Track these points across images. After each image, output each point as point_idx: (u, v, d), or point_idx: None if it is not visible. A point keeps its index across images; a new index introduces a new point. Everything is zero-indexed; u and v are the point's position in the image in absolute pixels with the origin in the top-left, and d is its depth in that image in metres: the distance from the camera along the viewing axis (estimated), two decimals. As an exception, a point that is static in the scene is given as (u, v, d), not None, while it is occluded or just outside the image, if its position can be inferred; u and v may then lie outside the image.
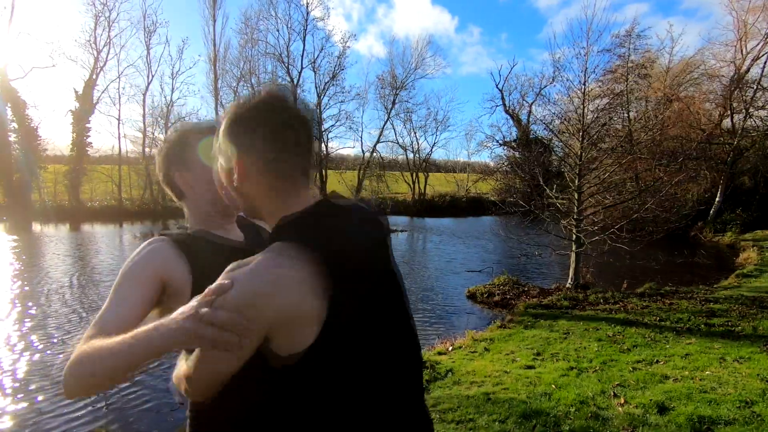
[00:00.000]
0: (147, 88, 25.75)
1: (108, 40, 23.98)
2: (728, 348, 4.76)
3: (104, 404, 4.11)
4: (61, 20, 37.22)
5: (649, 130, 8.77)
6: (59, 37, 27.88)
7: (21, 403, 4.17)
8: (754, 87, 17.90)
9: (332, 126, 28.54)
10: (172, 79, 26.61)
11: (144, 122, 25.96)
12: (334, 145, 28.90)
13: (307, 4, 26.23)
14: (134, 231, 17.83)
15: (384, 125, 29.29)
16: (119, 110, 25.47)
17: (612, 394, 3.54)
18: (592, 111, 8.14)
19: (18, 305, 7.22)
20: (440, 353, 4.95)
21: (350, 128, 30.74)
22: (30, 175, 21.66)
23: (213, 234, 1.11)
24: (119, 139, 25.66)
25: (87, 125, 23.77)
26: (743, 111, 18.01)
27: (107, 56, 24.19)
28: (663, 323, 5.85)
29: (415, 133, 31.19)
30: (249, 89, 25.43)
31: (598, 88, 8.13)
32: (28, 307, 7.14)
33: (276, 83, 0.93)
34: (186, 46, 37.24)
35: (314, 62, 26.93)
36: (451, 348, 5.13)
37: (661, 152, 8.87)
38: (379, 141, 29.35)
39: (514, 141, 30.66)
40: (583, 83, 7.53)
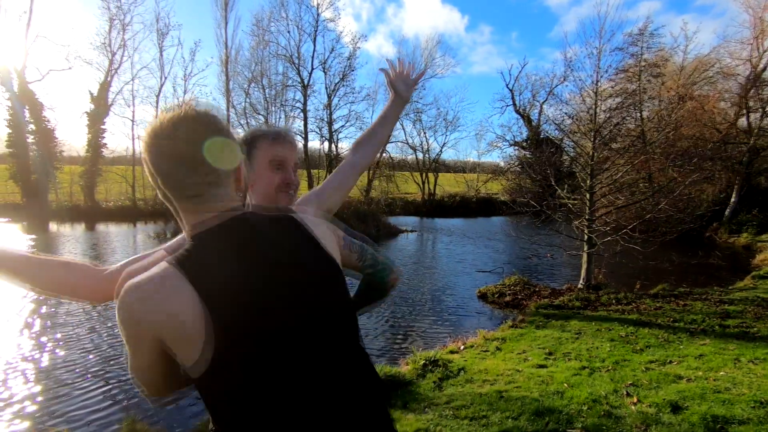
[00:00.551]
0: (160, 89, 26.18)
1: (122, 43, 24.44)
2: (743, 349, 4.72)
3: (125, 397, 4.23)
4: (76, 23, 38.00)
5: (662, 130, 8.68)
6: (75, 40, 28.62)
7: (40, 397, 4.31)
8: (771, 85, 17.60)
9: (342, 126, 28.69)
10: (185, 81, 27.03)
11: (157, 123, 26.36)
12: (344, 145, 29.00)
13: (317, 6, 26.42)
14: (147, 231, 18.11)
15: (394, 125, 29.34)
16: (133, 112, 25.94)
17: (625, 393, 3.55)
18: (604, 111, 8.11)
19: (34, 304, 7.41)
20: (452, 352, 4.99)
21: (360, 129, 30.76)
22: (47, 176, 22.13)
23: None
24: (133, 141, 26.09)
25: (102, 127, 24.23)
26: (760, 110, 17.71)
27: (121, 58, 24.65)
28: (677, 324, 5.81)
29: (424, 133, 31.24)
30: (260, 90, 25.68)
31: (610, 87, 8.08)
32: (44, 306, 7.33)
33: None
34: (198, 48, 37.73)
35: (324, 63, 27.11)
36: (462, 347, 5.17)
37: (675, 152, 8.77)
38: (388, 141, 29.41)
39: (524, 141, 30.51)
40: (596, 83, 7.50)
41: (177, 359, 0.81)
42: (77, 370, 4.87)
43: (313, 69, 26.89)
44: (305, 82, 26.85)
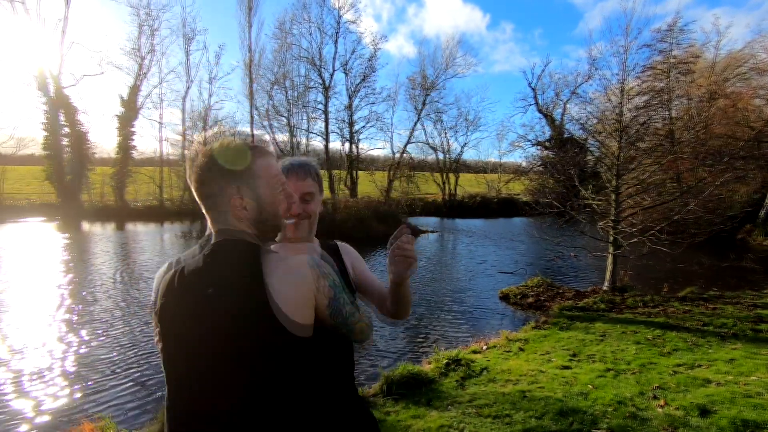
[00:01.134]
0: (186, 93, 26.88)
1: (151, 48, 25.24)
2: (777, 354, 4.59)
3: (148, 392, 4.41)
4: (108, 30, 39.44)
5: (691, 129, 8.44)
6: (107, 46, 29.64)
7: (81, 387, 4.53)
8: (809, 81, 16.85)
9: (363, 127, 28.87)
10: (210, 84, 27.67)
11: (183, 126, 27.08)
12: (364, 146, 29.23)
13: (339, 8, 26.67)
14: (174, 230, 18.62)
15: (414, 126, 29.29)
16: (161, 114, 26.75)
17: (651, 396, 3.52)
18: (630, 109, 7.95)
19: (69, 299, 7.75)
20: (475, 352, 5.01)
21: (380, 129, 30.97)
22: (80, 177, 23.07)
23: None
24: (161, 143, 26.89)
25: (131, 129, 25.07)
26: (796, 107, 16.98)
27: (150, 63, 25.45)
28: (706, 328, 5.67)
29: (445, 133, 31.10)
30: (282, 92, 26.06)
31: (638, 86, 7.90)
32: (77, 301, 7.67)
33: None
34: (223, 52, 38.57)
35: (346, 65, 27.34)
36: (485, 347, 5.18)
37: (705, 151, 8.52)
38: (409, 142, 29.43)
39: (547, 141, 30.04)
40: (622, 81, 7.36)
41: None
42: (115, 362, 5.10)
43: (334, 71, 27.17)
44: (326, 83, 27.14)
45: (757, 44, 19.42)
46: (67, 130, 22.69)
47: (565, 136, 25.50)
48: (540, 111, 30.73)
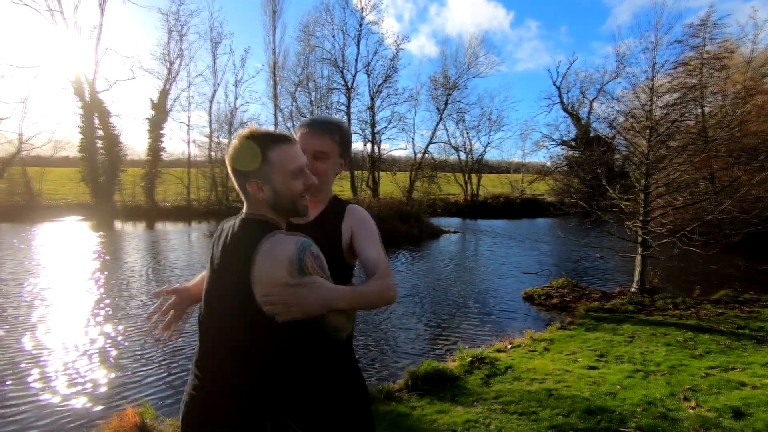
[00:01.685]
0: (213, 96, 27.59)
1: (179, 52, 26.03)
2: (818, 359, 4.41)
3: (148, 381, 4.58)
4: (139, 36, 40.94)
5: (726, 126, 8.16)
6: (138, 51, 30.86)
7: (108, 377, 4.75)
8: None
9: (384, 128, 28.99)
10: (236, 87, 28.33)
11: (210, 128, 27.80)
12: (386, 146, 29.35)
13: (361, 9, 26.89)
14: (201, 229, 19.12)
15: (436, 126, 29.25)
16: (189, 117, 27.54)
17: (682, 397, 3.45)
18: (660, 107, 7.75)
19: (106, 294, 8.09)
20: (499, 351, 5.00)
21: (402, 130, 30.99)
22: (113, 178, 23.98)
23: None
24: (188, 144, 27.67)
25: (161, 132, 25.90)
26: (841, 102, 16.12)
27: (179, 67, 26.24)
28: (741, 331, 5.49)
29: (467, 133, 30.91)
30: (306, 94, 26.41)
31: (668, 83, 7.70)
32: (113, 296, 8.01)
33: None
34: (248, 55, 39.29)
35: (368, 66, 27.53)
36: (510, 346, 5.16)
37: (741, 150, 8.23)
38: (431, 142, 29.38)
39: (572, 140, 29.47)
40: (651, 78, 7.19)
41: None
42: (149, 355, 5.33)
43: (356, 72, 27.40)
44: (349, 85, 27.39)
45: (797, 38, 18.56)
46: (101, 132, 23.61)
47: (591, 135, 24.98)
48: (565, 110, 30.22)
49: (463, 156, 30.94)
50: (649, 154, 7.49)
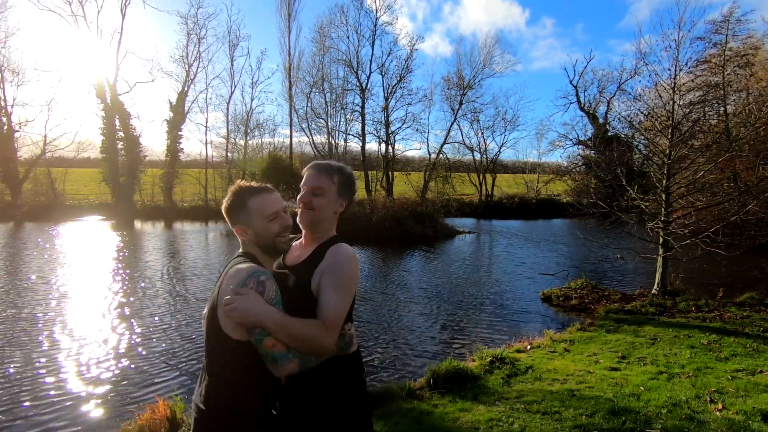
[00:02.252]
0: (230, 97, 27.97)
1: (198, 55, 26.47)
2: None
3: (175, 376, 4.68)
4: (158, 39, 41.78)
5: (752, 125, 7.96)
6: (157, 54, 31.65)
7: (133, 371, 4.88)
8: None
9: (399, 128, 29.02)
10: (252, 89, 28.68)
11: (227, 129, 28.19)
12: (400, 147, 29.39)
13: (375, 10, 26.98)
14: (218, 229, 19.39)
15: (450, 126, 29.19)
16: (206, 118, 27.98)
17: (708, 399, 3.41)
18: (681, 106, 7.61)
19: (127, 294, 8.29)
20: (519, 351, 4.99)
21: (416, 130, 30.95)
22: (133, 179, 24.51)
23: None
24: (206, 146, 28.09)
25: (179, 133, 26.36)
26: None
27: (197, 69, 26.68)
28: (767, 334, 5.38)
29: (482, 133, 30.73)
30: (321, 95, 26.57)
31: (691, 81, 7.56)
32: (134, 295, 8.21)
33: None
34: (264, 57, 39.79)
35: (382, 66, 27.62)
36: (529, 347, 5.15)
37: (766, 149, 8.02)
38: (445, 142, 29.35)
39: (589, 140, 29.09)
40: (673, 77, 7.07)
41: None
42: (177, 351, 5.46)
43: (371, 72, 27.53)
44: (363, 85, 27.50)
45: (825, 33, 17.98)
46: (121, 134, 24.14)
47: (610, 134, 24.62)
48: (582, 109, 29.85)
49: (478, 156, 30.80)
50: (670, 153, 7.37)
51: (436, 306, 7.86)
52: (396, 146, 29.54)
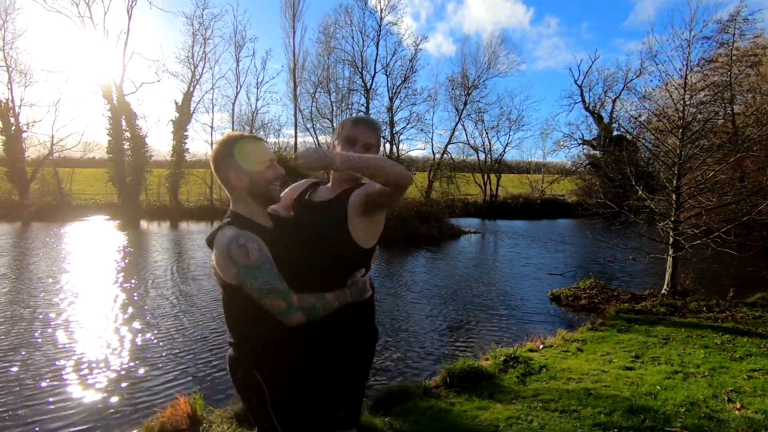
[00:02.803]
0: (236, 97, 28.06)
1: (203, 56, 26.56)
2: None
3: (191, 375, 4.71)
4: (164, 39, 42.08)
5: (764, 125, 7.93)
6: (163, 54, 31.76)
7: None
8: None
9: (403, 128, 29.03)
10: (257, 89, 28.81)
11: (232, 129, 28.23)
12: (404, 147, 29.36)
13: (380, 11, 27.00)
14: (225, 229, 19.41)
15: (455, 126, 29.16)
16: (212, 119, 28.11)
17: (726, 399, 3.41)
18: (690, 105, 7.58)
19: (127, 294, 8.32)
20: (531, 350, 5.00)
21: (421, 130, 30.93)
22: (139, 179, 24.61)
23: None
24: (211, 146, 28.14)
25: (185, 133, 26.44)
26: None
27: (203, 70, 26.77)
28: (781, 334, 5.36)
29: (487, 133, 30.70)
30: (326, 95, 26.61)
31: (702, 81, 7.53)
32: (135, 295, 8.26)
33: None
34: (269, 57, 39.88)
35: (387, 66, 27.62)
36: (542, 346, 5.16)
37: (776, 149, 8.00)
38: (450, 142, 29.31)
39: (594, 139, 29.04)
40: (684, 76, 7.05)
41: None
42: (192, 351, 5.51)
43: (375, 72, 27.53)
44: (367, 85, 27.53)
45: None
46: (127, 134, 24.25)
47: (615, 134, 24.56)
48: (587, 109, 29.79)
49: (482, 156, 30.76)
50: (680, 153, 7.35)
51: (444, 306, 7.87)
52: (400, 146, 29.56)
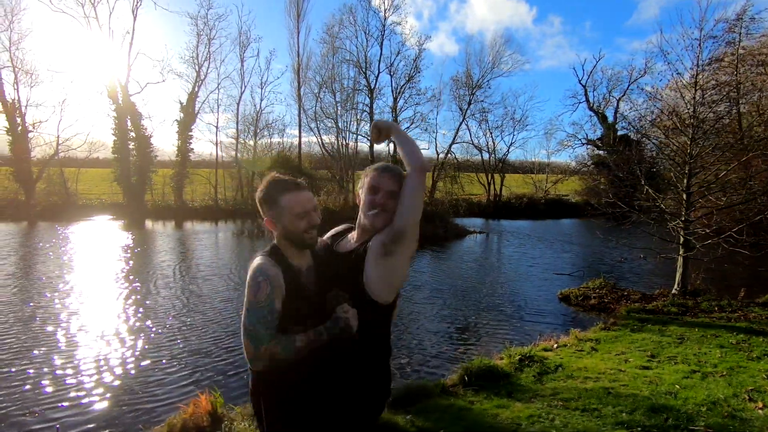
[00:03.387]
0: (240, 97, 28.07)
1: (208, 56, 26.60)
2: None
3: (200, 373, 4.72)
4: (169, 40, 42.11)
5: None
6: (168, 54, 31.93)
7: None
8: None
9: (407, 128, 28.94)
10: (261, 89, 28.77)
11: (237, 129, 28.30)
12: (408, 147, 29.21)
13: (384, 11, 27.00)
14: (228, 229, 19.47)
15: (459, 126, 29.14)
16: (217, 119, 28.10)
17: (746, 398, 3.40)
18: (700, 104, 7.55)
19: (137, 294, 8.30)
20: (545, 350, 5.00)
21: (425, 130, 30.88)
22: (144, 179, 24.66)
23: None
24: (217, 146, 28.20)
25: (190, 133, 26.49)
26: None
27: (207, 70, 26.81)
28: (795, 334, 5.34)
29: (491, 133, 30.63)
30: (330, 95, 26.57)
31: (713, 79, 7.50)
32: (147, 294, 8.28)
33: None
34: (273, 57, 39.88)
35: (391, 66, 27.60)
36: (556, 346, 5.15)
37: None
38: (453, 142, 29.29)
39: (598, 139, 28.97)
40: (695, 75, 7.03)
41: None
42: (215, 346, 5.52)
43: (379, 72, 27.50)
44: (371, 85, 27.51)
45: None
46: (133, 134, 24.30)
47: (620, 133, 24.50)
48: (591, 108, 29.70)
49: (486, 156, 30.70)
50: (691, 152, 7.32)
51: (452, 306, 7.87)
52: (405, 147, 29.46)
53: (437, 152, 29.95)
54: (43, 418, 3.83)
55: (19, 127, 23.62)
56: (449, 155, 29.44)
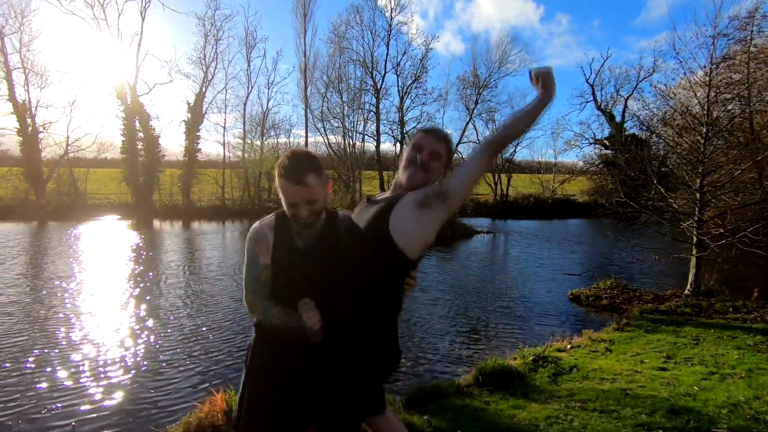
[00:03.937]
0: (246, 98, 28.21)
1: (215, 56, 26.75)
2: None
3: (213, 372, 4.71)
4: (176, 40, 42.49)
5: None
6: (175, 55, 32.19)
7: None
8: None
9: (413, 128, 28.90)
10: (268, 89, 28.97)
11: (244, 129, 28.44)
12: (414, 147, 29.18)
13: (390, 10, 26.98)
14: (236, 229, 19.55)
15: (466, 126, 29.04)
16: (225, 119, 28.29)
17: (768, 400, 3.34)
18: (714, 102, 7.46)
19: (148, 293, 8.36)
20: (559, 350, 4.95)
21: (430, 130, 30.74)
22: (152, 179, 24.84)
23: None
24: (224, 146, 28.36)
25: (197, 134, 26.64)
26: None
27: (214, 71, 26.96)
28: (813, 336, 5.25)
29: (497, 133, 30.46)
30: (337, 95, 26.61)
31: (728, 78, 7.41)
32: (157, 294, 8.32)
33: None
34: (280, 57, 39.96)
35: (397, 66, 27.57)
36: (569, 346, 5.10)
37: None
38: (460, 142, 29.18)
39: (606, 138, 28.77)
40: (709, 73, 6.94)
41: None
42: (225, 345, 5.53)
43: (386, 72, 27.47)
44: (378, 85, 27.50)
45: None
46: (141, 135, 24.48)
47: (629, 133, 24.29)
48: (598, 108, 29.51)
49: (493, 156, 30.53)
50: (705, 152, 7.24)
51: (461, 306, 7.83)
52: (410, 146, 29.43)
53: (444, 152, 29.82)
54: (59, 415, 3.85)
55: (30, 128, 23.89)
56: (456, 155, 29.30)
